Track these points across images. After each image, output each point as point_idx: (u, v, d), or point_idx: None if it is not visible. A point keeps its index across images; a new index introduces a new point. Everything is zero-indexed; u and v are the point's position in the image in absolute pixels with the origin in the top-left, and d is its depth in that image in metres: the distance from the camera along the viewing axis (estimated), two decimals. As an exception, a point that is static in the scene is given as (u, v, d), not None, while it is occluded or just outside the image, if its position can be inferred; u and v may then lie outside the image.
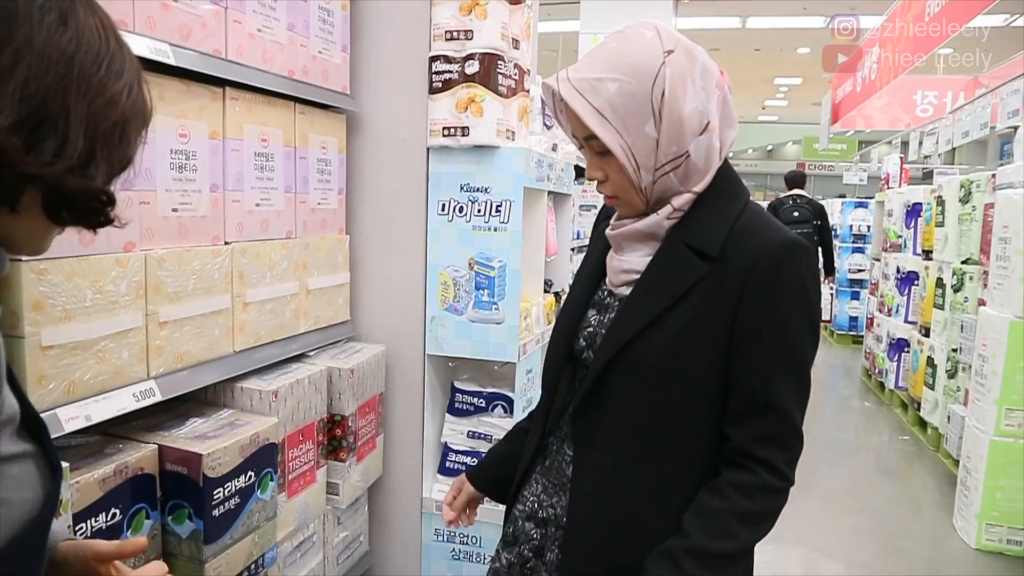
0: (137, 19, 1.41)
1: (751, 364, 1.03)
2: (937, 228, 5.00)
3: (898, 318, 5.87)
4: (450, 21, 2.11)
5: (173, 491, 1.45)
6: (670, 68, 1.02)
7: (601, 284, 1.20)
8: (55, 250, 1.24)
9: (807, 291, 1.05)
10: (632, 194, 1.08)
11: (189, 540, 1.45)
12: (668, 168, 1.05)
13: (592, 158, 1.09)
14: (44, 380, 1.25)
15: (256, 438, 1.58)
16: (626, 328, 1.07)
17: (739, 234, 1.05)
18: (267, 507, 1.62)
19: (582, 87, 1.02)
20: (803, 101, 19.07)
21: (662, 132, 1.02)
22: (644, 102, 1.01)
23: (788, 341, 1.04)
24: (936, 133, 6.60)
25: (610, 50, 1.05)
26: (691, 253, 1.06)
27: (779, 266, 1.03)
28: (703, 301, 1.04)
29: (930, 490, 4.22)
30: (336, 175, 2.14)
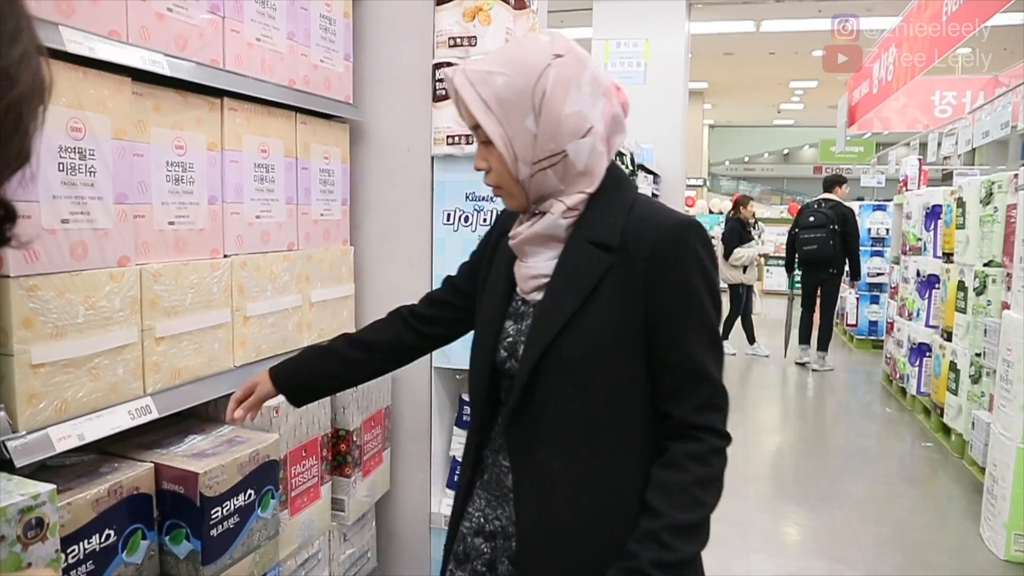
0: (131, 29, 1.38)
1: (672, 341, 1.10)
2: (958, 230, 4.90)
3: (919, 322, 5.76)
4: (453, 28, 2.07)
5: (170, 510, 1.42)
6: (555, 70, 1.09)
7: (513, 295, 1.23)
8: (46, 265, 1.23)
9: (703, 262, 1.12)
10: (512, 185, 1.14)
11: (187, 561, 1.42)
12: (545, 164, 1.11)
13: (479, 147, 1.15)
14: (35, 399, 1.22)
15: (256, 455, 1.54)
16: (545, 331, 1.12)
17: (635, 223, 1.12)
18: (268, 525, 1.59)
19: (474, 78, 1.10)
20: (819, 104, 18.91)
21: (540, 128, 1.09)
22: (526, 97, 1.08)
23: (699, 312, 1.11)
24: (955, 134, 6.50)
25: (507, 49, 1.14)
26: (594, 248, 1.12)
27: (676, 245, 1.10)
28: (614, 291, 1.10)
29: (955, 499, 4.11)
30: (339, 185, 2.11)
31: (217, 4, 1.60)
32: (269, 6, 1.76)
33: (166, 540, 1.43)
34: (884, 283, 8.17)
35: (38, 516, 1.07)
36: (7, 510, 1.02)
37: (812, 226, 6.96)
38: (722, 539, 3.47)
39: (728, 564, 3.22)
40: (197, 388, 1.59)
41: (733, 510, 3.84)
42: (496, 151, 1.11)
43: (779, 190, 28.85)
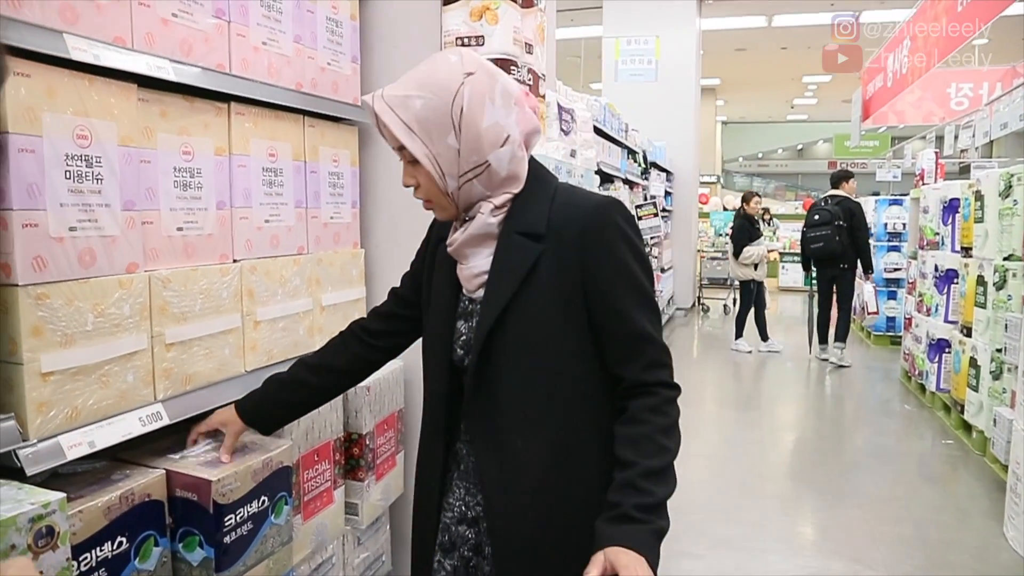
0: (136, 36, 1.38)
1: (611, 310, 1.20)
2: (976, 224, 4.84)
3: (938, 318, 5.69)
4: (460, 27, 2.06)
5: (183, 517, 1.42)
6: (468, 88, 1.16)
7: (459, 296, 1.31)
8: (54, 273, 1.23)
9: (627, 234, 1.22)
10: (442, 198, 1.22)
11: (200, 568, 1.41)
12: (471, 175, 1.19)
13: (405, 166, 1.23)
14: (45, 407, 1.22)
15: (269, 462, 1.54)
16: (488, 317, 1.21)
17: (559, 209, 1.22)
18: (282, 532, 1.58)
19: (393, 103, 1.16)
20: (833, 98, 18.77)
21: (462, 143, 1.17)
22: (445, 116, 1.15)
23: (631, 280, 1.21)
24: (972, 126, 6.41)
25: (420, 71, 1.19)
26: (524, 238, 1.21)
27: (601, 224, 1.20)
28: (549, 273, 1.19)
29: (977, 497, 4.05)
30: (349, 188, 2.10)
31: (222, 8, 1.59)
32: (275, 10, 1.75)
33: (179, 547, 1.42)
34: (901, 278, 8.09)
35: (48, 525, 1.07)
36: (17, 519, 1.02)
37: (817, 224, 7.04)
38: (738, 539, 3.46)
39: (744, 565, 3.19)
40: (208, 394, 1.58)
41: (749, 510, 3.81)
42: (423, 169, 1.18)
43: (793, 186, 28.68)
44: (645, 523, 1.12)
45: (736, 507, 3.85)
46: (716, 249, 11.93)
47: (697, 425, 5.45)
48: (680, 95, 10.51)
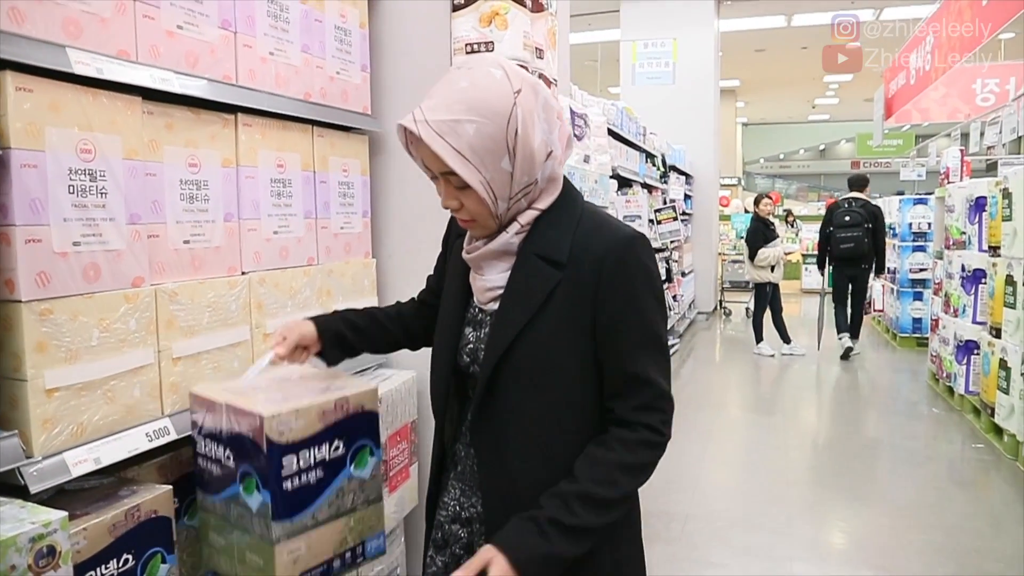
0: (140, 49, 1.37)
1: (617, 348, 1.17)
2: (1004, 222, 4.73)
3: (965, 319, 5.57)
4: (470, 33, 2.04)
5: (240, 455, 1.27)
6: (520, 108, 1.12)
7: (470, 302, 1.29)
8: (58, 289, 1.22)
9: (647, 272, 1.19)
10: (489, 220, 1.18)
11: (259, 516, 1.25)
12: (520, 195, 1.17)
13: (448, 189, 1.17)
14: (49, 423, 1.21)
15: (344, 404, 1.33)
16: (501, 340, 1.19)
17: (583, 238, 1.18)
18: (366, 487, 1.36)
19: (441, 129, 1.10)
20: (855, 98, 18.55)
21: (516, 166, 1.13)
22: (500, 141, 1.11)
23: (643, 322, 1.18)
24: (999, 122, 6.28)
25: (463, 90, 1.11)
26: (543, 263, 1.18)
27: (623, 259, 1.16)
28: (564, 303, 1.17)
29: (1010, 503, 3.94)
30: (359, 198, 2.09)
31: (228, 20, 1.58)
32: (282, 20, 1.74)
33: (240, 490, 1.28)
34: (927, 279, 7.94)
35: (50, 544, 1.06)
36: (17, 539, 1.01)
37: (849, 225, 7.28)
38: (763, 547, 3.39)
39: (769, 573, 3.13)
40: (218, 407, 1.57)
41: (774, 516, 3.74)
42: (473, 195, 1.14)
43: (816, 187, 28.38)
44: (546, 541, 1.10)
45: (761, 514, 3.78)
46: (737, 252, 11.81)
47: (720, 431, 5.37)
48: (699, 97, 10.44)
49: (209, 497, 1.36)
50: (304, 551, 1.25)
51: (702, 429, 5.21)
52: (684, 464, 4.42)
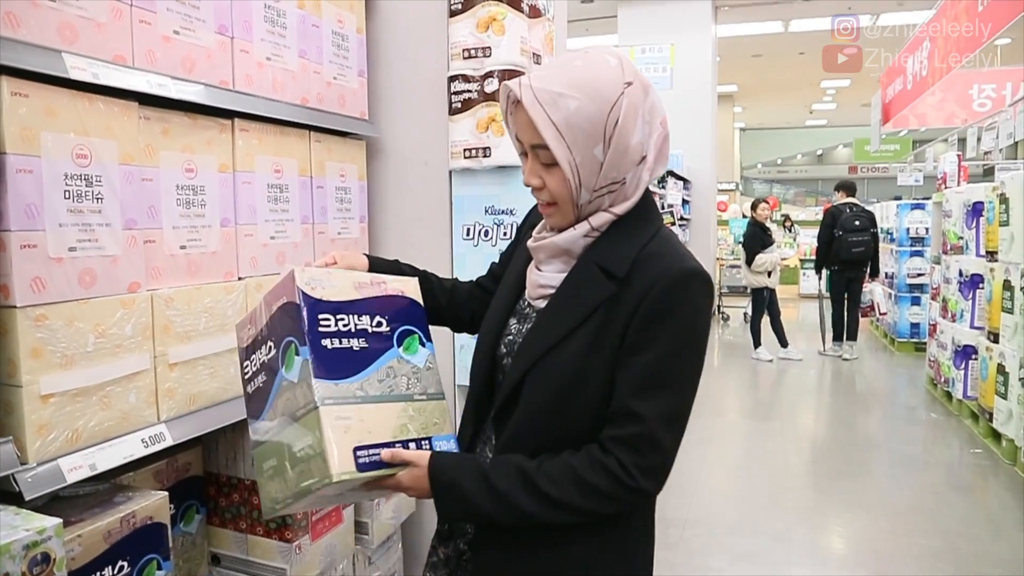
0: (137, 54, 1.37)
1: (627, 375, 1.09)
2: (1001, 227, 4.73)
3: (963, 324, 5.57)
4: (467, 39, 2.04)
5: (279, 333, 1.17)
6: (627, 99, 1.07)
7: (522, 293, 1.25)
8: (54, 294, 1.21)
9: (693, 316, 1.10)
10: (569, 206, 1.13)
11: (301, 383, 1.11)
12: (605, 191, 1.12)
13: (534, 165, 1.13)
14: (44, 429, 1.21)
15: (381, 283, 1.24)
16: (540, 342, 1.14)
17: (646, 258, 1.11)
18: (422, 377, 1.22)
19: (543, 98, 1.06)
20: (852, 103, 18.58)
21: (608, 157, 1.08)
22: (598, 126, 1.06)
23: (666, 361, 1.08)
24: (996, 127, 6.29)
25: (575, 68, 1.08)
26: (601, 273, 1.12)
27: (672, 292, 1.08)
28: (604, 319, 1.11)
29: (1008, 508, 3.94)
30: (357, 203, 2.08)
31: (225, 25, 1.58)
32: (279, 25, 1.74)
33: (282, 369, 1.16)
34: (925, 284, 7.95)
35: (44, 552, 1.05)
36: (11, 546, 1.00)
37: (859, 229, 7.53)
38: (762, 553, 3.38)
39: (769, 580, 3.12)
40: (214, 413, 1.56)
41: (772, 522, 3.73)
42: (559, 174, 1.10)
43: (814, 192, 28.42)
44: (467, 478, 1.09)
45: (759, 519, 3.78)
46: (735, 257, 11.81)
47: (719, 436, 5.36)
48: (696, 102, 10.45)
49: (257, 421, 1.22)
50: (355, 423, 1.10)
51: (701, 434, 5.20)
52: (683, 470, 4.41)
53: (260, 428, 1.21)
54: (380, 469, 1.10)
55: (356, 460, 1.08)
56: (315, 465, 1.07)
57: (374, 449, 1.11)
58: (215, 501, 1.73)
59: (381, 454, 1.11)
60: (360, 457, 1.08)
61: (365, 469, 1.08)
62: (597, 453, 1.09)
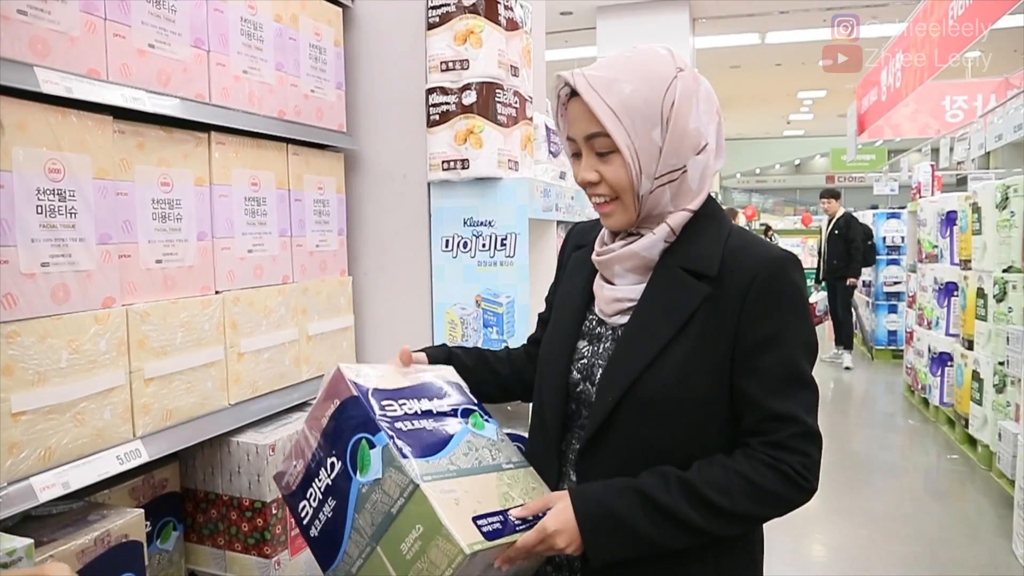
0: (111, 67, 1.36)
1: (759, 380, 1.04)
2: (974, 236, 4.81)
3: (939, 331, 5.65)
4: (445, 51, 2.05)
5: (341, 433, 1.11)
6: (680, 82, 1.07)
7: (587, 313, 1.19)
8: (25, 310, 1.20)
9: (803, 298, 1.08)
10: (630, 197, 1.08)
11: (389, 467, 1.03)
12: (665, 180, 1.08)
13: (589, 159, 1.09)
14: (16, 448, 1.18)
15: (420, 371, 1.25)
16: (634, 361, 1.07)
17: (732, 253, 1.08)
18: (501, 448, 1.18)
19: (597, 84, 1.05)
20: (829, 113, 18.83)
21: (666, 141, 1.06)
22: (655, 107, 1.05)
23: (790, 353, 1.05)
24: (968, 138, 6.41)
25: (627, 58, 1.09)
26: (688, 276, 1.07)
27: (776, 279, 1.06)
28: (705, 323, 1.06)
29: (985, 513, 3.99)
30: (335, 216, 2.08)
31: (201, 38, 1.58)
32: (256, 38, 1.74)
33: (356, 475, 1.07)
34: (902, 292, 8.06)
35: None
36: (-19, 568, 0.99)
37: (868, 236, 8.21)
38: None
39: (750, 588, 3.13)
40: (190, 428, 1.55)
41: (754, 531, 3.75)
42: (619, 161, 1.06)
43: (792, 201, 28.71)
44: (620, 501, 1.00)
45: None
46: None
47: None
48: (675, 113, 10.53)
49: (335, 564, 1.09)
50: (461, 494, 1.01)
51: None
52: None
53: (342, 570, 1.07)
54: (509, 535, 1.01)
55: (480, 529, 0.98)
56: (437, 551, 0.95)
57: (492, 517, 1.01)
58: (192, 517, 1.71)
59: (511, 513, 1.02)
60: (483, 525, 0.99)
61: (494, 537, 0.98)
62: (765, 458, 1.03)
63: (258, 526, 1.64)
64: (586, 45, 11.15)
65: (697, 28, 10.99)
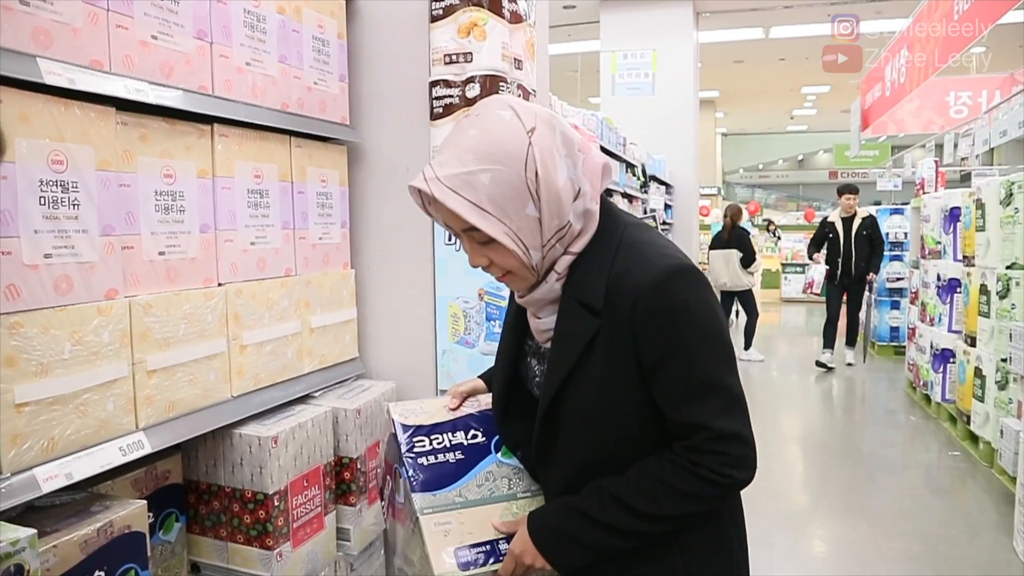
0: (113, 59, 1.36)
1: (666, 392, 1.09)
2: (978, 232, 4.80)
3: (941, 327, 5.64)
4: (448, 44, 2.04)
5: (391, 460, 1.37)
6: (537, 147, 1.04)
7: (527, 340, 1.27)
8: (28, 302, 1.20)
9: (691, 310, 1.07)
10: (525, 271, 1.11)
11: (407, 501, 1.26)
12: (554, 240, 1.09)
13: (473, 246, 1.11)
14: (19, 439, 1.19)
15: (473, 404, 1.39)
16: (550, 383, 1.15)
17: (617, 279, 1.09)
18: (525, 478, 1.30)
19: (454, 184, 1.03)
20: (832, 109, 18.78)
21: (543, 210, 1.05)
22: (520, 187, 1.03)
23: (689, 365, 1.07)
24: (972, 134, 6.39)
25: (473, 139, 1.05)
26: (582, 309, 1.11)
27: (656, 299, 1.06)
28: (606, 347, 1.09)
29: (986, 510, 3.98)
30: (338, 208, 2.08)
31: (204, 30, 1.58)
32: (259, 30, 1.74)
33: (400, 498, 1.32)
34: (904, 288, 8.04)
35: (18, 563, 1.04)
36: (-16, 558, 0.99)
37: None
38: (744, 557, 3.39)
39: (751, 583, 3.13)
40: (193, 420, 1.55)
41: (754, 525, 3.74)
42: (502, 248, 1.07)
43: (795, 196, 28.68)
44: (567, 521, 1.12)
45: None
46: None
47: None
48: (678, 108, 10.50)
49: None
50: (455, 526, 1.20)
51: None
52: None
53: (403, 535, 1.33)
54: (485, 565, 1.18)
55: (458, 559, 1.16)
56: (428, 569, 1.17)
57: (477, 548, 1.19)
58: (195, 509, 1.71)
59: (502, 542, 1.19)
60: (461, 556, 1.17)
61: (466, 567, 1.16)
62: (681, 460, 1.08)
63: (260, 518, 1.64)
64: (589, 39, 11.12)
65: (701, 22, 10.96)
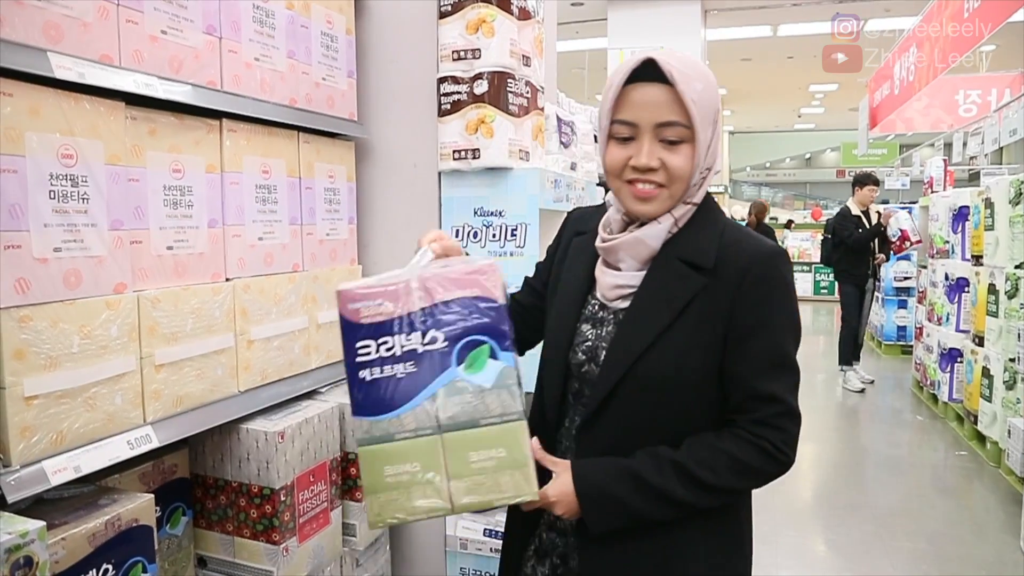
0: (123, 53, 1.36)
1: (746, 363, 1.12)
2: (987, 232, 4.77)
3: (949, 327, 5.61)
4: (457, 40, 2.04)
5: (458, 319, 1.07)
6: None
7: (588, 298, 1.23)
8: (38, 295, 1.20)
9: (789, 292, 1.15)
10: (680, 187, 1.13)
11: (498, 390, 1.06)
12: (706, 173, 1.15)
13: (653, 146, 1.11)
14: (28, 432, 1.19)
15: None
16: (631, 345, 1.13)
17: (727, 247, 1.14)
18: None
19: (681, 78, 1.08)
20: (840, 107, 18.70)
21: (713, 141, 1.13)
22: (714, 108, 1.12)
23: (775, 340, 1.13)
24: (981, 133, 6.34)
25: (682, 56, 1.12)
26: (686, 267, 1.13)
27: (766, 272, 1.13)
28: (701, 311, 1.12)
29: (993, 510, 3.97)
30: (345, 204, 2.08)
31: (213, 25, 1.58)
32: (268, 25, 1.74)
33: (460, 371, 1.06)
34: (911, 287, 8.01)
35: (27, 555, 1.04)
36: (-7, 550, 1.00)
37: None
38: (749, 556, 3.39)
39: (756, 582, 3.13)
40: (200, 415, 1.55)
41: (759, 525, 3.72)
42: (687, 152, 1.11)
43: (802, 195, 28.60)
44: (617, 483, 1.10)
45: (746, 522, 3.79)
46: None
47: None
48: (686, 105, 10.49)
49: (380, 417, 1.06)
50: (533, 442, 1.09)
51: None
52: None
53: (383, 428, 1.06)
54: None
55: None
56: (509, 480, 1.04)
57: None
58: (202, 503, 1.72)
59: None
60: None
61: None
62: (747, 435, 1.11)
63: (267, 513, 1.65)
64: (597, 36, 11.10)
65: (709, 20, 10.92)
